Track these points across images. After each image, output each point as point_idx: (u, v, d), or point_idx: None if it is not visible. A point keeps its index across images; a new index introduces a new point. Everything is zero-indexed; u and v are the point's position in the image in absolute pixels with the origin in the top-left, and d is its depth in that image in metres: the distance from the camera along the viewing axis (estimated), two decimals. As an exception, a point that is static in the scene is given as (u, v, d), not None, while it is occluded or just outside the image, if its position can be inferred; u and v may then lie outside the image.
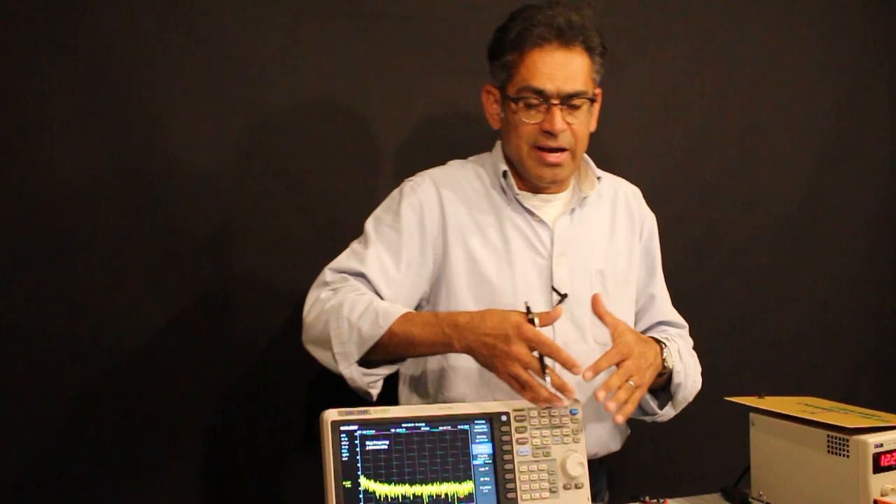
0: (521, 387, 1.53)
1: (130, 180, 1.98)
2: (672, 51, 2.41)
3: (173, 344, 2.01)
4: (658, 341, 1.76)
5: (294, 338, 1.73)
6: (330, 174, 2.12)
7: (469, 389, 1.75)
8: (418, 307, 1.81)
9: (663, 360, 1.73)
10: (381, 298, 1.71)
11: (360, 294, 1.67)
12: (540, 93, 1.72)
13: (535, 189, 1.83)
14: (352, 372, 1.63)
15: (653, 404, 1.82)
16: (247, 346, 2.06)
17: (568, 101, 1.73)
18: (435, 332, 1.59)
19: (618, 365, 1.59)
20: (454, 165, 1.89)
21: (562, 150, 1.75)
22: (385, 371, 1.67)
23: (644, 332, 1.92)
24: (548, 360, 1.53)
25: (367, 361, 1.64)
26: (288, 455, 2.10)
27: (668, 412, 1.83)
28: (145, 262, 1.99)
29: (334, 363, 1.63)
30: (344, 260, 1.74)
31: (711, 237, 2.47)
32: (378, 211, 1.82)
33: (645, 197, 1.97)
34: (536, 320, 1.53)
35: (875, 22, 2.61)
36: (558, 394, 1.54)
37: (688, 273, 2.43)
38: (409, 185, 1.82)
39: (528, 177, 1.80)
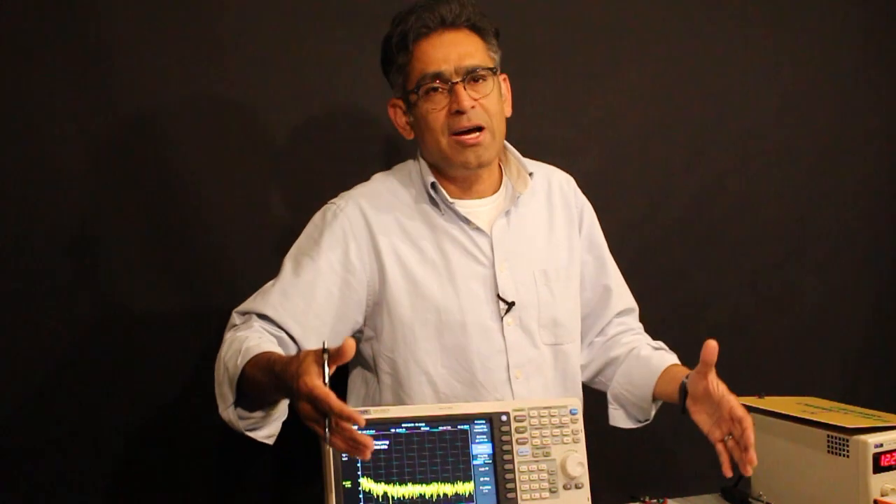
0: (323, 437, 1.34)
1: (130, 180, 1.99)
2: (672, 51, 2.41)
3: (173, 344, 2.01)
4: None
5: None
6: (330, 174, 2.11)
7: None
8: (360, 340, 1.75)
9: None
10: (292, 337, 1.63)
11: (248, 333, 1.58)
12: (438, 76, 1.68)
13: (465, 190, 1.77)
14: (228, 414, 1.52)
15: (653, 411, 1.82)
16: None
17: (469, 75, 1.69)
18: (266, 378, 1.44)
19: (742, 424, 1.54)
20: (378, 180, 1.81)
21: (478, 129, 1.70)
22: (260, 413, 1.54)
23: (604, 327, 1.91)
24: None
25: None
26: (288, 455, 2.10)
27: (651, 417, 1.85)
28: (145, 262, 1.99)
29: (218, 406, 1.56)
30: (250, 301, 1.67)
31: (711, 237, 2.47)
32: (300, 240, 1.75)
33: (645, 197, 1.96)
34: (326, 364, 1.31)
35: (875, 22, 2.61)
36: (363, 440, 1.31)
37: (688, 273, 2.43)
38: (332, 209, 1.75)
39: (454, 170, 1.74)
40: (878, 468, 1.54)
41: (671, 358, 1.82)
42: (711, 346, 1.53)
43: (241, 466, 2.08)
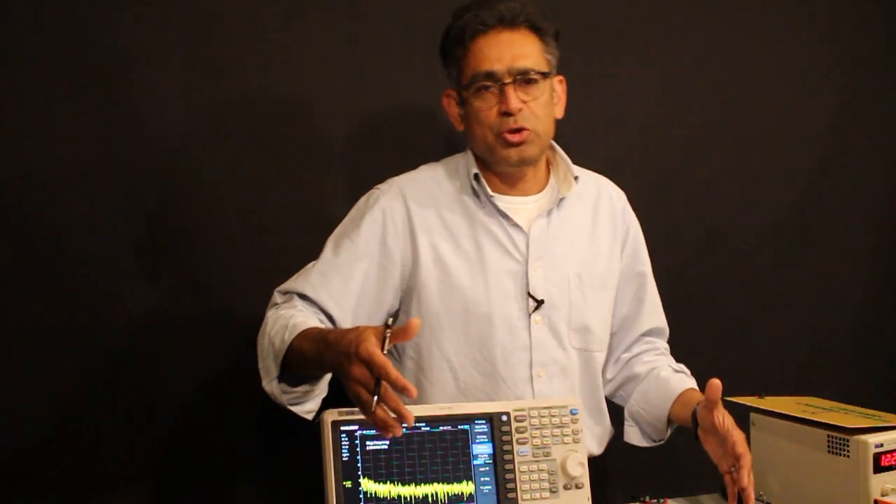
0: (366, 409, 1.37)
1: (129, 180, 1.98)
2: (672, 51, 2.41)
3: (172, 344, 2.01)
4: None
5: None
6: (330, 174, 2.11)
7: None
8: (395, 321, 1.75)
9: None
10: (331, 316, 1.67)
11: (294, 311, 1.63)
12: (490, 75, 1.70)
13: (509, 186, 1.79)
14: (272, 388, 1.57)
15: (668, 433, 1.83)
16: (246, 346, 2.05)
17: (520, 78, 1.70)
18: (315, 348, 1.48)
19: (739, 462, 1.55)
20: (424, 170, 1.85)
21: (523, 129, 1.72)
22: (304, 388, 1.58)
23: (632, 345, 1.92)
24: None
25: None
26: (287, 455, 2.10)
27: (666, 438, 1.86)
28: (145, 262, 1.99)
29: (261, 378, 1.59)
30: (291, 281, 1.72)
31: (711, 237, 2.47)
32: (343, 223, 1.79)
33: (645, 197, 1.96)
34: (388, 336, 1.36)
35: (875, 22, 2.61)
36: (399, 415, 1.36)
37: (688, 273, 2.43)
38: (375, 194, 1.79)
39: (498, 165, 1.77)
40: (878, 468, 1.54)
41: (690, 382, 1.82)
42: (715, 385, 1.55)
43: (242, 466, 2.09)
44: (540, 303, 1.75)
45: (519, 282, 1.75)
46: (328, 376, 1.61)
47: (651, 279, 1.95)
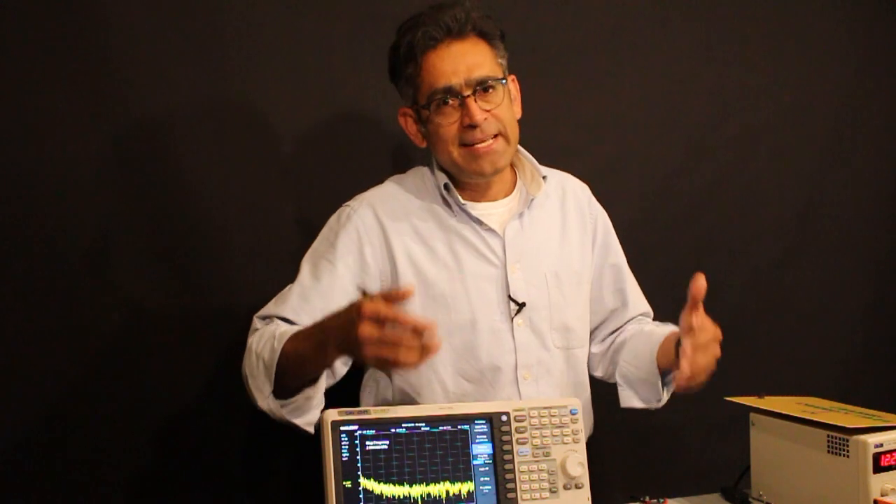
0: (393, 363, 1.39)
1: (129, 180, 1.98)
2: (672, 51, 2.41)
3: (171, 343, 2.01)
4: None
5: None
6: (330, 174, 2.11)
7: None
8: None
9: None
10: None
11: (275, 327, 1.62)
12: (448, 90, 1.68)
13: (479, 194, 1.78)
14: (269, 404, 1.57)
15: (664, 393, 1.80)
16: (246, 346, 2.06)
17: (479, 88, 1.69)
18: (313, 340, 1.50)
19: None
20: (390, 183, 1.83)
21: (491, 136, 1.71)
22: (301, 398, 1.57)
23: (619, 329, 1.91)
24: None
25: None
26: (287, 455, 2.10)
27: (664, 399, 1.82)
28: (144, 262, 1.99)
29: (254, 400, 1.59)
30: (270, 306, 1.71)
31: (711, 237, 2.47)
32: (316, 242, 1.77)
33: (645, 197, 1.96)
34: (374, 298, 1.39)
35: (875, 22, 2.61)
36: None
37: (688, 273, 2.42)
38: (346, 211, 1.77)
39: (468, 178, 1.76)
40: (878, 468, 1.54)
41: (673, 328, 1.79)
42: (700, 281, 1.53)
43: (242, 466, 2.08)
44: (521, 305, 1.74)
45: (499, 286, 1.75)
46: (323, 384, 1.60)
47: (626, 267, 1.94)
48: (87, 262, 1.95)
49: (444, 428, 1.54)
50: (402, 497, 1.49)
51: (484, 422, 1.55)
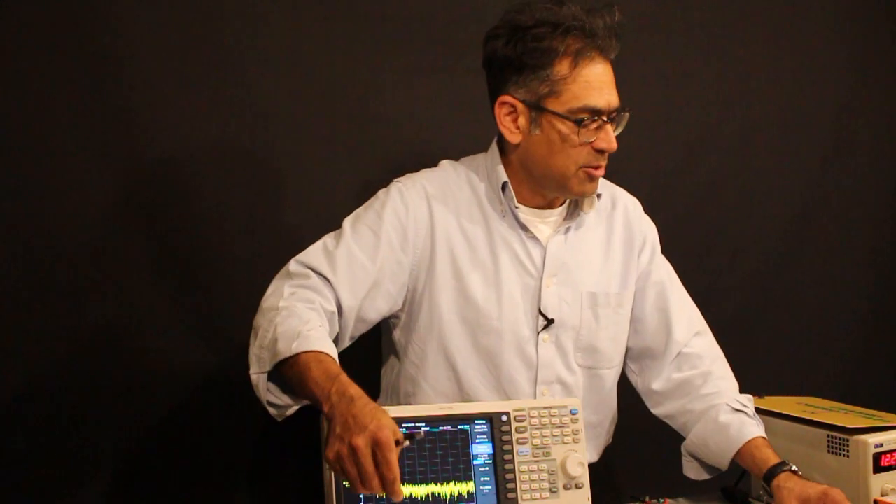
0: (351, 482, 1.32)
1: (129, 180, 1.99)
2: (672, 50, 2.41)
3: (171, 343, 2.01)
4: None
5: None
6: (330, 174, 2.11)
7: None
8: (389, 319, 1.74)
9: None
10: (340, 305, 1.61)
11: (310, 308, 1.54)
12: (597, 112, 1.63)
13: (540, 199, 1.74)
14: (258, 379, 1.50)
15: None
16: (246, 346, 2.06)
17: (614, 115, 1.66)
18: (325, 383, 1.38)
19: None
20: (446, 168, 1.79)
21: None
22: (287, 399, 1.51)
23: (675, 359, 1.82)
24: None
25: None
26: (288, 455, 2.10)
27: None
28: (144, 262, 2.00)
29: (249, 360, 1.53)
30: (312, 255, 1.64)
31: (711, 237, 2.47)
32: (360, 209, 1.72)
33: (645, 197, 1.96)
34: (404, 445, 1.34)
35: (875, 21, 2.61)
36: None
37: (688, 273, 2.42)
38: (398, 186, 1.73)
39: (566, 194, 1.72)
40: (878, 468, 1.54)
41: (752, 429, 1.68)
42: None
43: (242, 466, 2.09)
44: (550, 322, 1.72)
45: (531, 297, 1.72)
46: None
47: (673, 286, 1.86)
48: (87, 262, 1.96)
49: (445, 428, 1.54)
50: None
51: (484, 422, 1.55)
